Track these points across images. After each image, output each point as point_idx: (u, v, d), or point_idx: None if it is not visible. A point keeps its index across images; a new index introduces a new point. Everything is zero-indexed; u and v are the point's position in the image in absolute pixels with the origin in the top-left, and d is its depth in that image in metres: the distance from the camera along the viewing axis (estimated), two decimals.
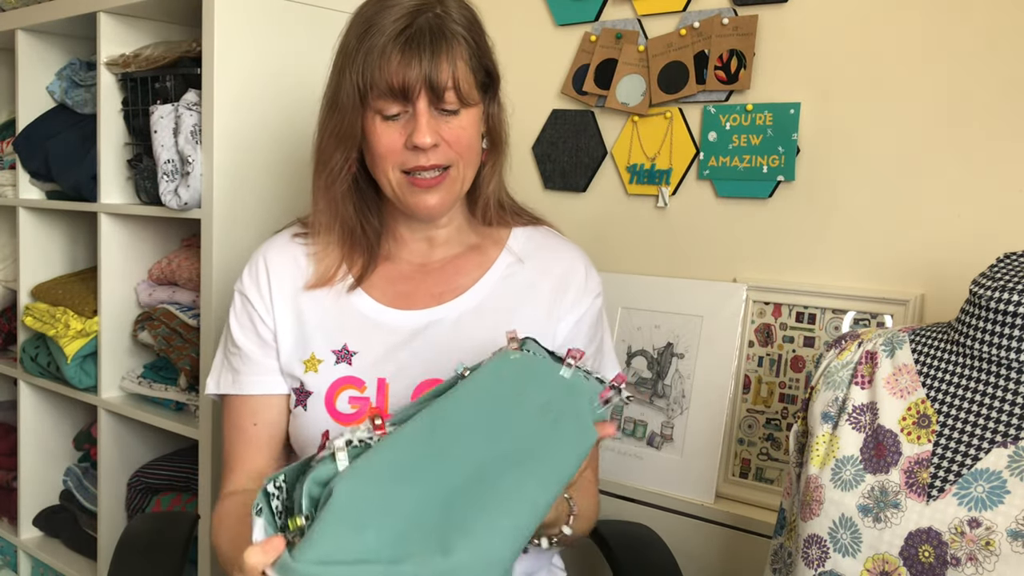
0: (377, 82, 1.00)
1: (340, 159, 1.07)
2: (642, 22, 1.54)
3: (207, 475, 1.73)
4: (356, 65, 1.02)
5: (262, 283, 1.13)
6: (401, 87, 1.00)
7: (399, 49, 0.99)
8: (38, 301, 2.13)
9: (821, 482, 0.98)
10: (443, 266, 1.14)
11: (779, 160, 1.40)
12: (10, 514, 2.37)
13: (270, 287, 1.13)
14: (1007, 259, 0.96)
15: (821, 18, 1.36)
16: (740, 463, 1.44)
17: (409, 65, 0.99)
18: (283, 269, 1.14)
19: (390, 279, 1.13)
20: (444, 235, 1.15)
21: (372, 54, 1.00)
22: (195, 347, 1.83)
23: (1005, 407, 0.91)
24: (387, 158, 1.04)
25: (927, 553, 0.89)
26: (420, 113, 1.01)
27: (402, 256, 1.15)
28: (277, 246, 1.16)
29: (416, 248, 1.15)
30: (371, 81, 1.01)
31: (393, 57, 0.99)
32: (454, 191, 1.07)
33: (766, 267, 1.44)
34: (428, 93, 1.01)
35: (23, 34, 2.11)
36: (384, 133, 1.03)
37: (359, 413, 1.06)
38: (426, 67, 0.99)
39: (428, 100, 1.01)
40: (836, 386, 1.02)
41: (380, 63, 1.00)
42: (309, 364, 1.09)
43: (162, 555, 1.29)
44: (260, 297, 1.13)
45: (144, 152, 1.86)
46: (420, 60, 0.99)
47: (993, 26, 1.22)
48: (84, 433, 2.23)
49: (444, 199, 1.06)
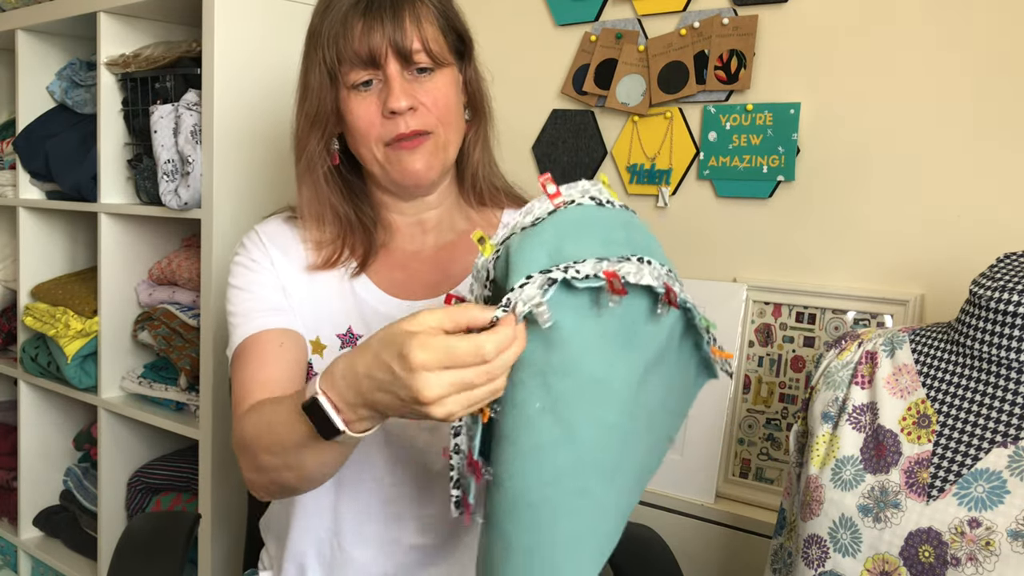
0: (344, 53, 1.00)
1: (316, 142, 1.06)
2: (642, 22, 1.54)
3: (207, 475, 1.73)
4: (321, 43, 1.02)
5: (267, 253, 1.10)
6: (368, 54, 0.99)
7: (360, 16, 0.99)
8: (38, 301, 2.13)
9: (821, 482, 0.98)
10: (436, 253, 1.13)
11: (779, 160, 1.40)
12: (10, 514, 2.38)
13: (272, 259, 1.10)
14: (1007, 259, 0.96)
15: (821, 18, 1.36)
16: (740, 463, 1.44)
17: (372, 30, 0.99)
18: (282, 243, 1.11)
19: (388, 266, 1.12)
20: (435, 217, 1.12)
21: (335, 27, 1.00)
22: (195, 347, 1.83)
23: (1005, 407, 0.91)
24: (368, 133, 1.03)
25: (927, 553, 0.89)
26: (392, 78, 1.00)
27: (396, 244, 1.13)
28: (272, 225, 1.14)
29: (408, 234, 1.13)
30: (338, 54, 1.01)
31: (355, 26, 0.99)
32: (439, 156, 1.05)
33: (766, 267, 1.44)
34: (396, 56, 1.00)
35: (23, 34, 2.11)
36: (359, 105, 1.02)
37: None
38: (389, 31, 0.99)
39: (398, 64, 1.00)
40: (836, 386, 1.02)
41: (344, 34, 1.00)
42: (315, 346, 1.08)
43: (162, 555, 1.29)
44: (271, 264, 1.10)
45: (144, 152, 1.87)
46: (383, 24, 0.99)
47: (993, 26, 1.22)
48: (84, 433, 2.23)
49: (430, 162, 1.04)
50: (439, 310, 0.70)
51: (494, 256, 0.74)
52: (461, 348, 0.67)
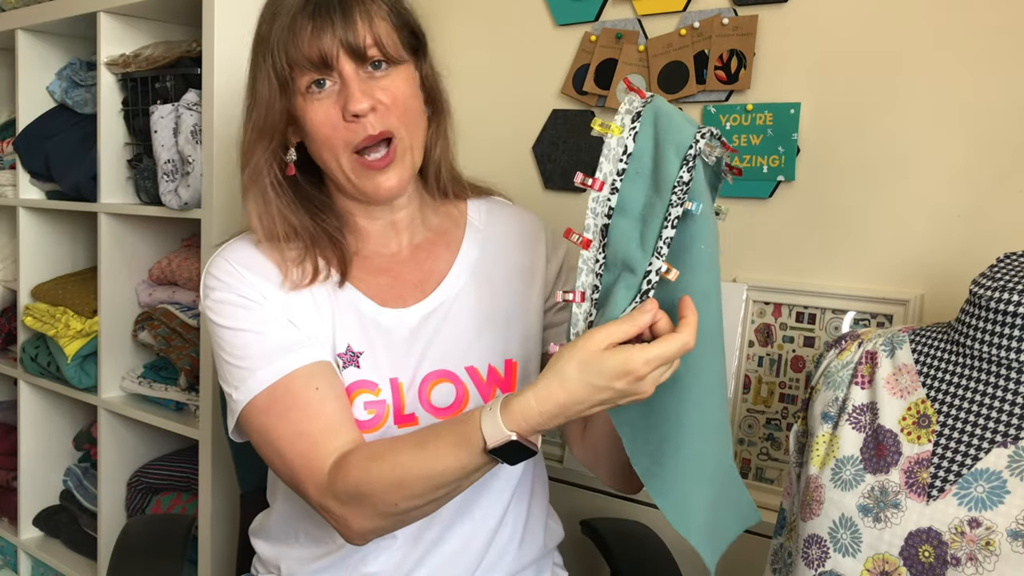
0: (295, 58, 0.97)
1: (262, 153, 1.03)
2: (642, 22, 1.54)
3: (207, 475, 1.73)
4: (270, 49, 0.99)
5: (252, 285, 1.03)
6: (320, 56, 0.97)
7: (309, 18, 0.97)
8: (38, 301, 2.14)
9: (821, 482, 0.98)
10: (414, 252, 1.12)
11: (779, 160, 1.40)
12: (10, 514, 2.38)
13: (261, 291, 1.03)
14: (1007, 259, 0.96)
15: (821, 18, 1.36)
16: (740, 463, 1.44)
17: (323, 31, 0.97)
18: (262, 271, 1.04)
19: (370, 273, 1.09)
20: (407, 216, 1.11)
21: (284, 32, 0.98)
22: (195, 347, 1.83)
23: (1005, 407, 0.91)
24: (332, 140, 1.00)
25: (927, 553, 0.89)
26: (349, 79, 0.98)
27: (372, 248, 1.10)
28: (241, 252, 1.06)
29: (382, 237, 1.11)
30: (288, 59, 0.98)
31: (305, 28, 0.97)
32: (406, 164, 1.03)
33: (766, 267, 1.44)
34: (350, 57, 0.98)
35: (23, 34, 2.11)
36: (318, 111, 0.99)
37: (376, 419, 1.03)
38: (340, 31, 0.97)
39: (353, 63, 0.98)
40: (836, 386, 1.02)
41: (293, 38, 0.97)
42: None
43: (162, 555, 1.29)
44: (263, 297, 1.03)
45: (144, 152, 1.87)
46: (332, 25, 0.97)
47: (994, 25, 1.22)
48: (84, 433, 2.23)
49: (401, 177, 1.02)
50: (619, 324, 0.82)
51: (630, 132, 0.86)
52: (672, 350, 0.81)
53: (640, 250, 0.84)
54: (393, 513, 0.92)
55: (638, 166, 0.85)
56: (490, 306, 1.12)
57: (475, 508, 1.08)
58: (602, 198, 0.86)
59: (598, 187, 0.86)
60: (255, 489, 1.33)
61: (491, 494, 1.09)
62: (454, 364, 1.08)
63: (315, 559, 1.10)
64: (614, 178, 0.86)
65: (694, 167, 0.82)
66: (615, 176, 0.86)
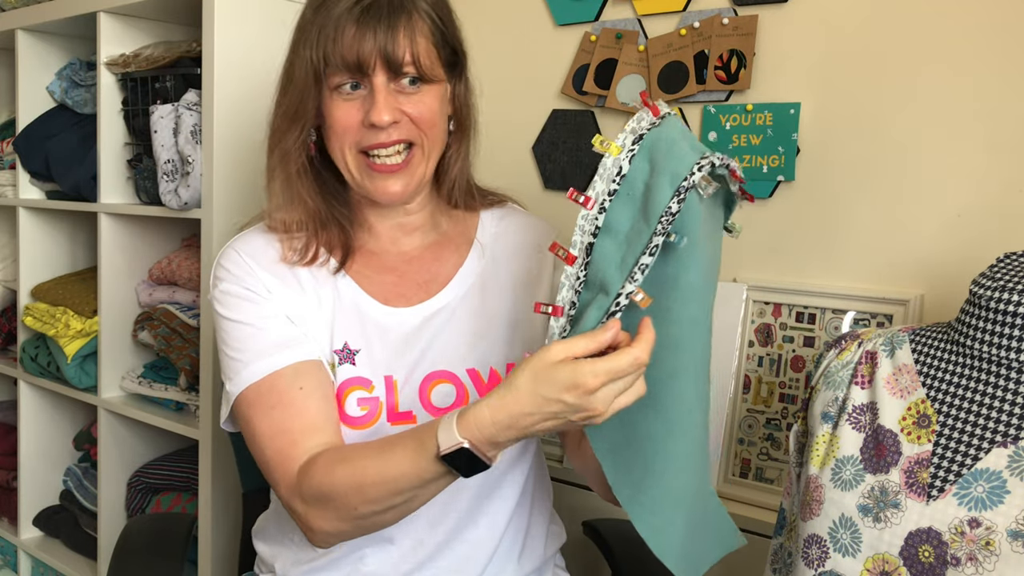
0: (331, 56, 0.97)
1: (294, 139, 1.03)
2: (642, 22, 1.54)
3: (207, 475, 1.73)
4: (310, 40, 0.99)
5: (257, 278, 1.05)
6: (356, 61, 0.96)
7: (354, 21, 0.96)
8: (38, 301, 2.13)
9: (821, 482, 0.98)
10: (421, 254, 1.12)
11: (779, 160, 1.40)
12: (10, 514, 2.38)
13: (265, 284, 1.05)
14: (1007, 259, 0.96)
15: (821, 18, 1.36)
16: (740, 463, 1.44)
17: (364, 37, 0.96)
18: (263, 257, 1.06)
19: (375, 269, 1.10)
20: (417, 220, 1.11)
21: (327, 27, 0.97)
22: (195, 347, 1.83)
23: (1005, 407, 0.91)
24: (344, 136, 1.00)
25: (927, 553, 0.89)
26: (377, 89, 0.98)
27: (379, 246, 1.11)
28: (253, 243, 1.08)
29: (391, 236, 1.11)
30: (325, 55, 0.97)
31: (348, 29, 0.96)
32: (417, 175, 1.03)
33: (766, 267, 1.44)
34: (385, 68, 0.97)
35: (23, 34, 2.11)
36: (340, 109, 1.00)
37: (368, 415, 1.04)
38: (382, 40, 0.96)
39: (386, 75, 0.98)
40: (836, 386, 1.02)
41: (334, 36, 0.97)
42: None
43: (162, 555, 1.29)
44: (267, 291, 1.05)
45: (144, 152, 1.87)
46: (375, 33, 0.96)
47: (992, 25, 1.22)
48: (84, 433, 2.23)
49: (407, 185, 1.03)
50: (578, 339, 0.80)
51: (627, 154, 0.86)
52: (622, 364, 0.78)
53: (618, 272, 0.83)
54: (354, 517, 0.92)
55: (629, 188, 0.85)
56: (494, 310, 1.12)
57: (480, 516, 1.09)
58: (590, 216, 0.86)
59: (588, 205, 0.86)
60: (257, 488, 1.33)
61: (493, 503, 1.09)
62: (455, 365, 1.08)
63: (307, 561, 1.10)
64: (604, 198, 0.86)
65: (685, 199, 0.81)
66: (606, 196, 0.86)
